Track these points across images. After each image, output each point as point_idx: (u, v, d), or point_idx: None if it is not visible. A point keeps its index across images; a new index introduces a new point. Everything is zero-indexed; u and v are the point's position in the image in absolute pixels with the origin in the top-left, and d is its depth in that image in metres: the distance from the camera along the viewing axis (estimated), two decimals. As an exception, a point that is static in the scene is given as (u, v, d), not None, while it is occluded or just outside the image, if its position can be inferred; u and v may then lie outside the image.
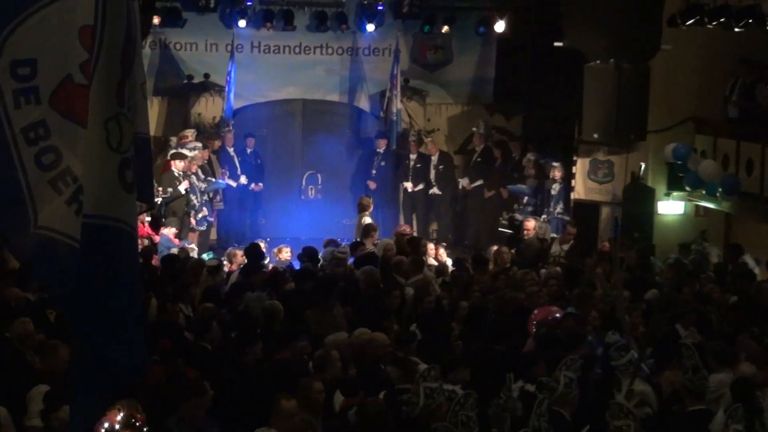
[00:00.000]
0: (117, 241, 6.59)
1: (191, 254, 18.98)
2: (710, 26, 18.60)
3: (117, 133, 6.51)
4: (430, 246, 19.58)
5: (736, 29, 18.29)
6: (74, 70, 6.76)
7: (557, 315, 13.19)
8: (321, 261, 17.19)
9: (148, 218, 19.90)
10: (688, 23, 18.85)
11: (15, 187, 6.78)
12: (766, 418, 8.87)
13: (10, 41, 6.69)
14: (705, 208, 21.04)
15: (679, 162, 20.39)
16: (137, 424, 6.99)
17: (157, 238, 19.46)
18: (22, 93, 6.72)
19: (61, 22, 6.72)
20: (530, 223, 20.81)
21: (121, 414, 6.89)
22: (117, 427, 6.96)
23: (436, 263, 18.53)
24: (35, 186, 6.80)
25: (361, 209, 20.06)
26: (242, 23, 23.11)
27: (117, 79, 6.52)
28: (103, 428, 6.90)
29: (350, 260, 16.92)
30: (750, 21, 17.89)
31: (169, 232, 19.78)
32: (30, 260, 6.91)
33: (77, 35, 6.74)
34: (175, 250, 18.61)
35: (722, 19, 18.24)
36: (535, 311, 13.53)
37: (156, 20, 22.06)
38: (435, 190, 23.81)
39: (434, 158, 23.84)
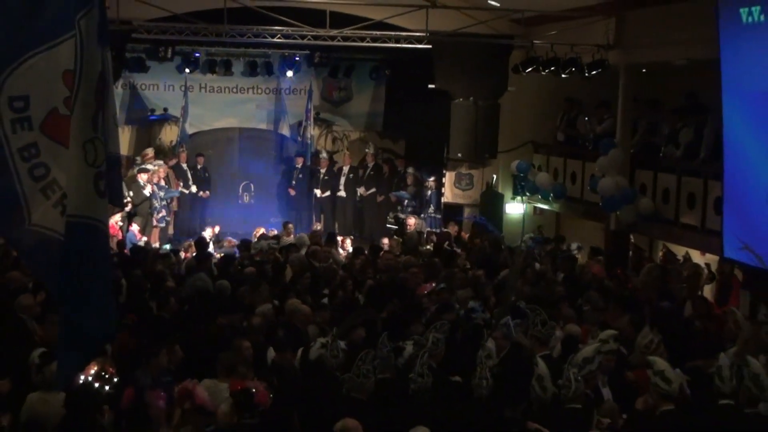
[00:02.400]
0: (93, 235, 6.47)
1: (153, 245, 18.80)
2: (543, 73, 18.84)
3: (92, 152, 6.39)
4: (339, 238, 19.59)
5: (563, 75, 18.56)
6: (59, 103, 6.65)
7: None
8: (252, 250, 17.09)
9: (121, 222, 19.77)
10: (527, 71, 19.09)
11: (14, 193, 6.67)
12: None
13: (8, 82, 6.60)
14: (541, 208, 21.34)
15: (521, 174, 20.64)
16: (107, 376, 6.86)
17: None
18: (18, 121, 6.62)
19: (48, 67, 6.62)
20: (411, 221, 21.02)
21: (95, 369, 6.77)
22: (90, 379, 6.83)
23: (343, 252, 18.58)
24: (29, 193, 6.69)
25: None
26: (192, 69, 22.93)
27: (92, 111, 6.41)
28: (80, 380, 6.77)
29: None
30: (573, 69, 18.17)
31: (134, 228, 19.63)
32: (25, 250, 6.78)
33: (61, 77, 6.63)
34: (141, 243, 18.43)
35: (552, 68, 18.50)
36: (421, 285, 13.56)
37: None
38: (341, 194, 23.68)
39: (345, 169, 23.77)
